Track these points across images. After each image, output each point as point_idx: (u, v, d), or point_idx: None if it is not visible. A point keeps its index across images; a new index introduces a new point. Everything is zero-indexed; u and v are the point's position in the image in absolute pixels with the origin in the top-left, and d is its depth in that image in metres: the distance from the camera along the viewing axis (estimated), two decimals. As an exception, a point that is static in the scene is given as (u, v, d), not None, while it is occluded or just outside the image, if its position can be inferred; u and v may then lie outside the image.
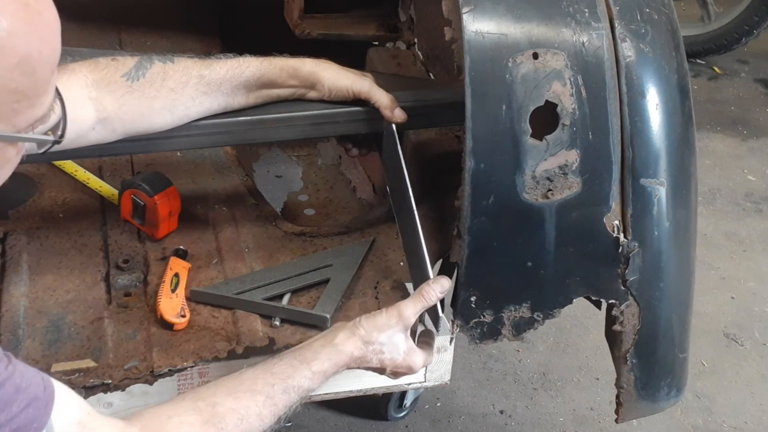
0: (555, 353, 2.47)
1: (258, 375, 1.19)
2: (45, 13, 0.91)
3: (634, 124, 1.36)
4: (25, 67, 0.88)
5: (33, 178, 1.75)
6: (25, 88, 0.89)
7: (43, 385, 0.98)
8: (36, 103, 0.92)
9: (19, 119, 0.91)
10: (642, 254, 1.41)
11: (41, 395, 0.97)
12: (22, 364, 0.97)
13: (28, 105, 0.91)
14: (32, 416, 0.95)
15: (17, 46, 0.87)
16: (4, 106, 0.88)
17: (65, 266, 1.55)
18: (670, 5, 1.44)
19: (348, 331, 1.27)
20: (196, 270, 1.55)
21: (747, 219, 3.15)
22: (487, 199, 1.34)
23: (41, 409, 0.97)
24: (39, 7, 0.90)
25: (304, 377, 1.22)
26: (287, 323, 1.46)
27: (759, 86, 4.16)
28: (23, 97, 0.90)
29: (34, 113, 0.93)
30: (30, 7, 0.88)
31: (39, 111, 0.93)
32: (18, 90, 0.89)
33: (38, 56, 0.89)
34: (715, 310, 2.67)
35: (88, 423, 1.02)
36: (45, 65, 0.91)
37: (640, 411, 1.59)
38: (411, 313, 1.29)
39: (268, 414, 1.17)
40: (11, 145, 0.94)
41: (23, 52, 0.87)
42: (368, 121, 1.48)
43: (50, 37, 0.91)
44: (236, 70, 1.40)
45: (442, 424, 2.22)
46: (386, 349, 1.28)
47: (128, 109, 1.33)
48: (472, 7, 1.32)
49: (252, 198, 1.77)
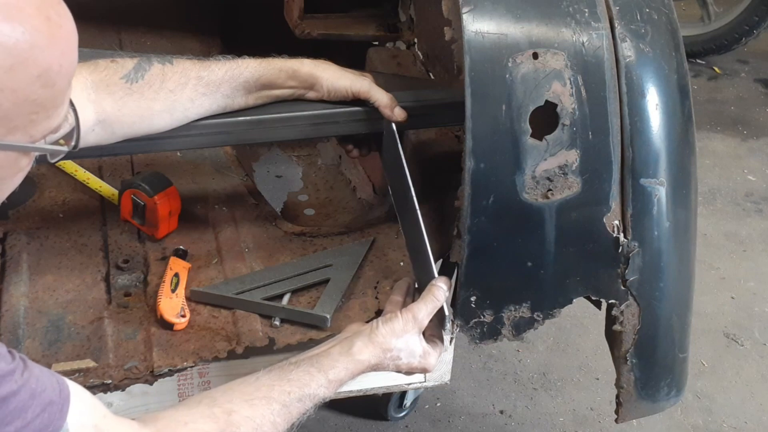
0: (555, 353, 2.47)
1: (275, 382, 1.18)
2: (65, 26, 0.92)
3: (634, 124, 1.36)
4: (45, 79, 0.89)
5: (33, 178, 1.75)
6: (44, 100, 0.90)
7: (59, 388, 0.98)
8: (53, 114, 0.93)
9: (36, 130, 0.92)
10: (642, 254, 1.41)
11: (56, 400, 0.97)
12: (38, 367, 0.96)
13: (45, 116, 0.92)
14: (47, 421, 0.95)
15: (39, 59, 0.87)
16: (22, 117, 0.89)
17: (65, 266, 1.55)
18: (670, 5, 1.44)
19: (365, 338, 1.26)
20: (196, 270, 1.55)
21: (747, 219, 3.15)
22: (487, 199, 1.34)
23: (56, 414, 0.96)
24: (60, 21, 0.91)
25: (320, 386, 1.21)
26: (287, 323, 1.46)
27: (759, 86, 4.16)
28: (42, 108, 0.90)
29: (50, 124, 0.93)
30: (51, 21, 0.89)
31: (54, 122, 0.94)
32: (37, 102, 0.89)
33: (58, 69, 0.90)
34: (715, 310, 2.67)
35: (103, 426, 1.02)
36: (64, 77, 0.92)
37: (640, 411, 1.59)
38: (425, 315, 1.30)
39: (282, 422, 1.17)
40: (25, 155, 0.94)
41: (44, 65, 0.88)
42: (368, 121, 1.48)
43: (70, 49, 0.92)
44: (235, 71, 1.40)
45: (442, 424, 2.22)
46: (403, 354, 1.29)
47: (127, 111, 1.33)
48: (472, 7, 1.32)
49: (252, 198, 1.77)
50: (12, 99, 0.87)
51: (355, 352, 1.25)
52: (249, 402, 1.14)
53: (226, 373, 1.52)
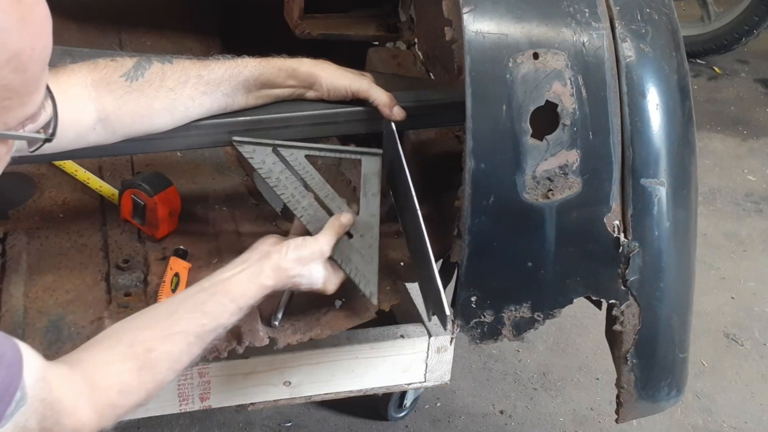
0: (555, 353, 2.47)
1: (191, 315, 1.22)
2: (37, 9, 0.90)
3: (634, 124, 1.36)
4: (16, 63, 0.87)
5: (33, 178, 1.75)
6: (17, 86, 0.88)
7: (13, 348, 1.00)
8: (27, 101, 0.91)
9: (10, 117, 0.90)
10: (642, 254, 1.41)
11: (15, 360, 0.99)
12: None
13: (19, 103, 0.90)
14: (8, 381, 0.97)
15: (9, 43, 0.86)
16: None
17: (65, 266, 1.55)
18: (670, 5, 1.44)
19: (275, 265, 1.30)
20: (196, 270, 1.55)
21: (747, 219, 3.15)
22: (488, 199, 1.34)
23: (17, 374, 0.98)
24: (31, 3, 0.89)
25: (231, 315, 1.26)
26: (287, 323, 1.46)
27: (759, 86, 4.16)
28: (14, 94, 0.89)
29: (25, 111, 0.92)
30: (22, 3, 0.87)
31: (30, 109, 0.93)
32: (9, 87, 0.88)
33: (30, 53, 0.88)
34: (715, 310, 2.67)
35: (47, 377, 1.05)
36: (37, 62, 0.90)
37: (640, 411, 1.59)
38: (329, 248, 1.36)
39: (197, 350, 1.23)
40: (2, 143, 0.93)
41: (15, 48, 0.86)
42: (368, 120, 1.48)
43: (42, 33, 0.90)
44: (234, 70, 1.40)
45: (442, 424, 2.22)
46: (304, 280, 1.35)
47: (128, 110, 1.33)
48: (472, 7, 1.32)
49: (252, 198, 1.77)
50: None
51: (263, 279, 1.29)
52: (167, 337, 1.19)
53: (226, 372, 1.52)
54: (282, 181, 1.44)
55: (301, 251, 1.33)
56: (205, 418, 2.14)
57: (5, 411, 0.97)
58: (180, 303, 1.24)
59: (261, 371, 1.54)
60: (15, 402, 0.98)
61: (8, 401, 0.97)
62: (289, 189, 1.43)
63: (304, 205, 1.43)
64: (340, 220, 1.40)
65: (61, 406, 1.06)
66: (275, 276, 1.30)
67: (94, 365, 1.14)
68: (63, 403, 1.06)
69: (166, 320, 1.21)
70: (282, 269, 1.31)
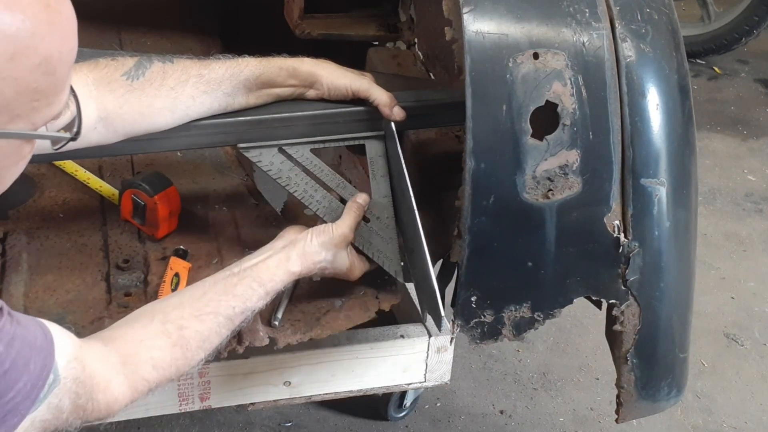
0: (555, 353, 2.47)
1: (221, 297, 1.27)
2: (65, 13, 0.92)
3: (634, 124, 1.36)
4: (46, 67, 0.89)
5: (33, 178, 1.75)
6: (45, 87, 0.90)
7: (43, 332, 1.01)
8: (54, 101, 0.93)
9: (38, 117, 0.92)
10: (642, 254, 1.41)
11: (45, 345, 1.01)
12: (17, 314, 0.99)
13: (46, 104, 0.92)
14: (41, 366, 0.99)
15: (39, 47, 0.87)
16: (24, 105, 0.89)
17: (65, 266, 1.55)
18: (670, 5, 1.44)
19: (300, 251, 1.35)
20: (197, 270, 1.55)
21: (747, 219, 3.15)
22: (488, 199, 1.34)
23: (50, 357, 1.01)
24: (59, 8, 0.91)
25: (259, 299, 1.31)
26: (287, 323, 1.46)
27: (759, 86, 4.16)
28: (43, 96, 0.91)
29: (51, 111, 0.94)
30: (51, 8, 0.89)
31: (56, 109, 0.94)
32: (38, 90, 0.89)
33: (59, 56, 0.90)
34: (715, 310, 2.67)
35: (79, 356, 1.06)
36: (64, 64, 0.92)
37: (640, 411, 1.59)
38: (351, 231, 1.40)
39: (227, 332, 1.27)
40: (27, 143, 0.95)
41: (45, 52, 0.88)
42: (368, 120, 1.48)
43: (69, 36, 0.92)
44: (235, 69, 1.40)
45: (442, 424, 2.22)
46: (330, 265, 1.40)
47: (129, 109, 1.33)
48: (472, 7, 1.32)
49: (252, 198, 1.77)
50: (14, 87, 0.87)
51: (291, 265, 1.34)
52: (198, 317, 1.23)
53: (226, 372, 1.52)
54: (293, 179, 1.45)
55: (325, 236, 1.38)
56: (205, 418, 2.14)
57: (39, 395, 0.99)
58: (211, 285, 1.28)
59: (261, 371, 1.54)
60: (48, 385, 1.00)
61: (41, 386, 0.99)
62: (301, 185, 1.45)
63: (318, 198, 1.45)
64: (356, 201, 1.43)
65: (94, 382, 1.08)
66: (302, 262, 1.35)
67: (127, 342, 1.17)
68: (96, 379, 1.09)
69: (198, 301, 1.25)
70: (308, 254, 1.36)
